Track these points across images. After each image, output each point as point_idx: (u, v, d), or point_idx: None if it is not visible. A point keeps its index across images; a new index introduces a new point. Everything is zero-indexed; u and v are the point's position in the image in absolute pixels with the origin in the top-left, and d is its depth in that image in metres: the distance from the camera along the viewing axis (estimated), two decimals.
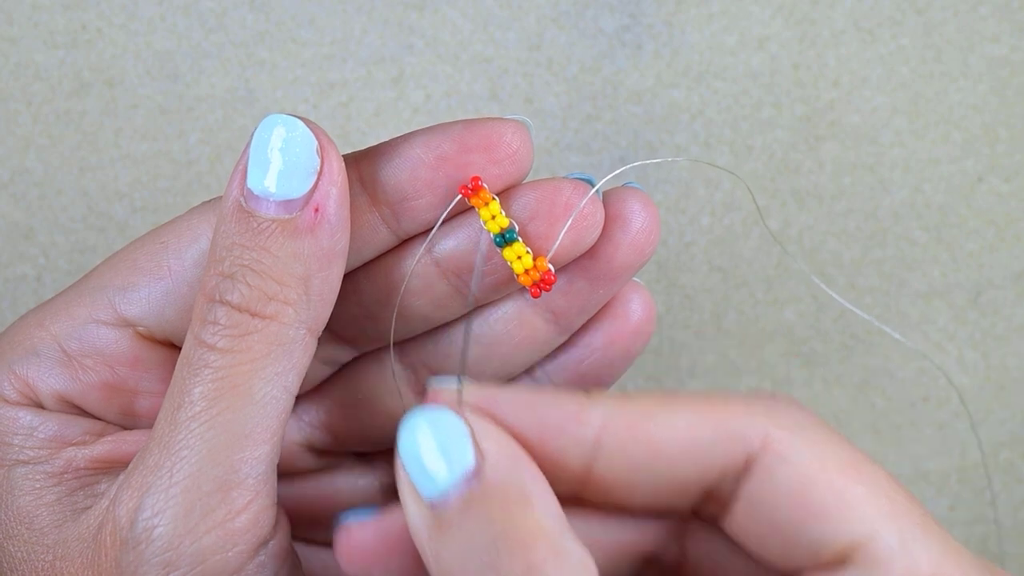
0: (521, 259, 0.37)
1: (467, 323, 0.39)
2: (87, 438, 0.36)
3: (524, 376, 0.42)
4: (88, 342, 0.37)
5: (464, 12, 0.51)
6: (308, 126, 0.34)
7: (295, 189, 0.34)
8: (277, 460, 0.35)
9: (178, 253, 0.37)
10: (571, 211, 0.37)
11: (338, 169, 0.35)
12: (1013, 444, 0.52)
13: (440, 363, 0.40)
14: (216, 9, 0.51)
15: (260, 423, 0.34)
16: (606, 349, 0.40)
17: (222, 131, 0.51)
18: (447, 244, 0.38)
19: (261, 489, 0.34)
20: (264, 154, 0.34)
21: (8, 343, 0.37)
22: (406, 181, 0.37)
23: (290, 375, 0.34)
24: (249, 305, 0.34)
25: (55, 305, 0.37)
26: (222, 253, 0.34)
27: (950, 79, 0.52)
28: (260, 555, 0.34)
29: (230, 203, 0.34)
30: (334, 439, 0.42)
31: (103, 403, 0.37)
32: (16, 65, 0.51)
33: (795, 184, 0.51)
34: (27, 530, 0.35)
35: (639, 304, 0.40)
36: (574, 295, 0.39)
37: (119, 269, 0.37)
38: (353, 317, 0.39)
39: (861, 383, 0.51)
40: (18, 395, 0.36)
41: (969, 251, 0.52)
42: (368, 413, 0.41)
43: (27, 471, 0.35)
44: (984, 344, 0.52)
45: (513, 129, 0.37)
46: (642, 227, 0.38)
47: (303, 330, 0.34)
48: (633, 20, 0.51)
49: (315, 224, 0.34)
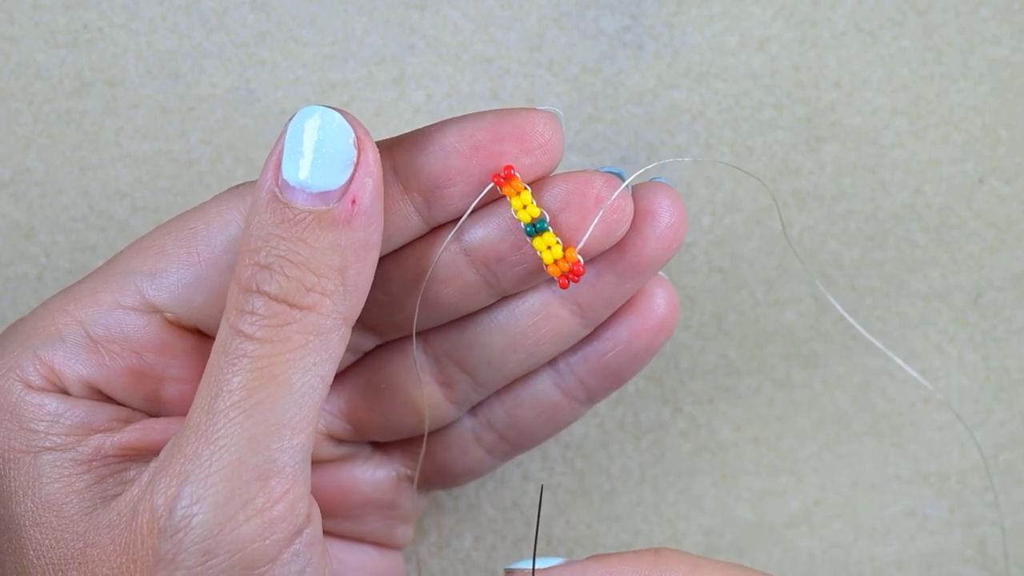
0: (551, 249, 0.37)
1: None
2: (114, 425, 0.36)
3: (547, 367, 0.42)
4: (114, 327, 0.37)
5: (465, 12, 0.51)
6: (345, 118, 0.35)
7: (332, 180, 0.34)
8: (312, 449, 0.35)
9: (208, 240, 0.37)
10: (601, 203, 0.37)
11: (374, 160, 0.35)
12: (1013, 446, 0.52)
13: (464, 354, 0.40)
14: (217, 9, 0.51)
15: (298, 412, 0.34)
16: (630, 342, 0.41)
17: (223, 131, 0.51)
18: (477, 233, 0.38)
19: (298, 478, 0.34)
20: (299, 145, 0.34)
21: (32, 328, 0.37)
22: (439, 169, 0.37)
23: (327, 365, 0.34)
24: (287, 296, 0.34)
25: (79, 291, 0.37)
26: (257, 243, 0.34)
27: (951, 80, 0.52)
28: (295, 543, 0.34)
29: (264, 193, 0.34)
30: (354, 428, 0.42)
31: (129, 389, 0.37)
32: (17, 64, 0.51)
33: (795, 185, 0.51)
34: (56, 517, 0.35)
35: (664, 298, 0.41)
36: (601, 288, 0.39)
37: (146, 255, 0.37)
38: (379, 304, 0.39)
39: (862, 384, 0.51)
40: (43, 381, 0.36)
41: (969, 253, 0.52)
42: (389, 402, 0.42)
43: (54, 458, 0.35)
44: (984, 346, 0.52)
45: (545, 119, 0.37)
46: (670, 222, 0.38)
47: (340, 320, 0.35)
48: (634, 21, 0.51)
49: (352, 215, 0.34)
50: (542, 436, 0.43)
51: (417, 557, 0.50)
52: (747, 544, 0.51)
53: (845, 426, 0.51)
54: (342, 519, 0.44)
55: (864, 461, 0.51)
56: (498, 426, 0.43)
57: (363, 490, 0.43)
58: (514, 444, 0.43)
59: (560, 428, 0.43)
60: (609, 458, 0.51)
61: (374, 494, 0.43)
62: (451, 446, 0.43)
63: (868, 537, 0.51)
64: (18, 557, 0.35)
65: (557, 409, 0.42)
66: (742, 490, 0.51)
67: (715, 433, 0.51)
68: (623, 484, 0.51)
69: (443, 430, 0.43)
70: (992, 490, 0.51)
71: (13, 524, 0.35)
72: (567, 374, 0.42)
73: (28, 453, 0.35)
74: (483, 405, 0.43)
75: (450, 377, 0.41)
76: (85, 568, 0.34)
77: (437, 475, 0.44)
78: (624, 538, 0.51)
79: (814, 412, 0.51)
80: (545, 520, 0.51)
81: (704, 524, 0.51)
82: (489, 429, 0.43)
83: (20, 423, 0.36)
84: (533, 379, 0.42)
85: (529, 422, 0.42)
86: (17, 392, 0.36)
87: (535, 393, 0.42)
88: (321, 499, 0.42)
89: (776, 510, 0.51)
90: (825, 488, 0.51)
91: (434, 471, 0.44)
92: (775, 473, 0.51)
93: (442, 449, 0.44)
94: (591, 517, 0.51)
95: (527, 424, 0.43)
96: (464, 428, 0.43)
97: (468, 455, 0.44)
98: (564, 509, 0.51)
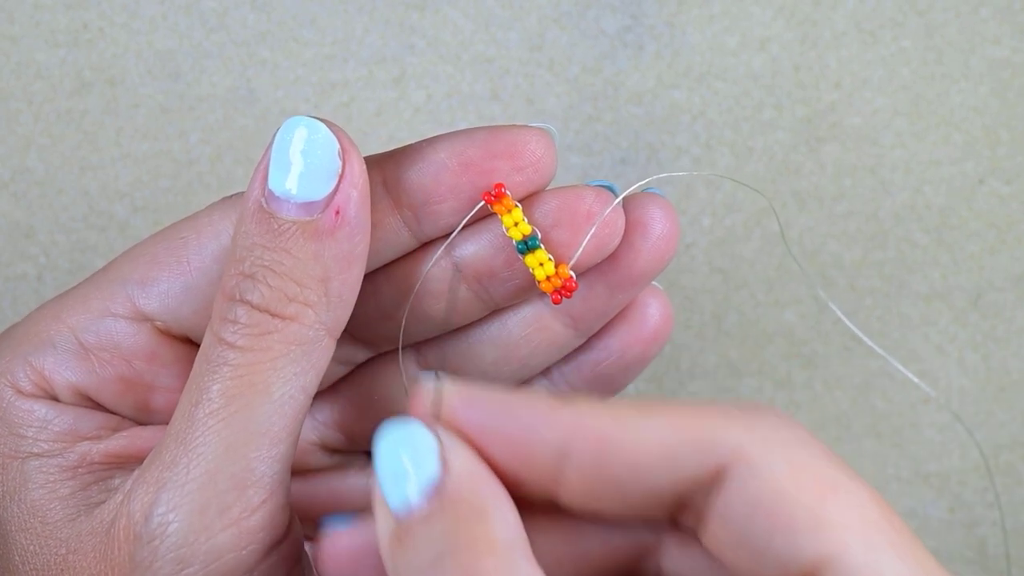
0: (543, 266, 0.37)
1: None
2: (102, 432, 0.36)
3: (541, 378, 0.42)
4: (105, 335, 0.37)
5: (465, 12, 0.51)
6: (330, 128, 0.35)
7: (316, 191, 0.34)
8: (292, 461, 0.35)
9: (199, 249, 0.37)
10: (593, 219, 0.37)
11: (359, 172, 0.35)
12: (1013, 447, 0.52)
13: (457, 365, 0.40)
14: (217, 8, 0.51)
15: (277, 422, 0.34)
16: (623, 353, 0.40)
17: (223, 131, 0.51)
18: (468, 249, 0.38)
19: (276, 488, 0.34)
20: (286, 156, 0.34)
21: (24, 335, 0.37)
22: (430, 185, 0.37)
23: (308, 375, 0.34)
24: (269, 305, 0.34)
25: (71, 298, 0.37)
26: (242, 253, 0.34)
27: (951, 81, 0.52)
28: (273, 555, 0.34)
29: (251, 204, 0.34)
30: (347, 438, 0.42)
31: (118, 397, 0.37)
32: (17, 64, 0.51)
33: (796, 186, 0.51)
34: (40, 523, 0.35)
35: (657, 309, 0.40)
36: (593, 300, 0.39)
37: (138, 263, 0.37)
38: (370, 318, 0.39)
39: (862, 385, 0.51)
40: (33, 387, 0.36)
41: (970, 253, 0.52)
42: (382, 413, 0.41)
43: (41, 464, 0.35)
44: (984, 346, 0.52)
45: (537, 137, 0.37)
46: (662, 234, 0.38)
47: (322, 331, 0.34)
48: (635, 21, 0.51)
49: (335, 226, 0.34)
50: None
51: None
52: None
53: (845, 427, 0.51)
54: None
55: (864, 462, 0.51)
56: None
57: (357, 498, 0.43)
58: None
59: None
60: None
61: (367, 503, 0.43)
62: None
63: None
64: (4, 562, 0.35)
65: None
66: None
67: None
68: None
69: None
70: (993, 491, 0.51)
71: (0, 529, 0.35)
72: (560, 383, 0.41)
73: (16, 458, 0.35)
74: None
75: None
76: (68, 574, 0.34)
77: None
78: None
79: (814, 413, 0.51)
80: None
81: None
82: None
83: (9, 428, 0.36)
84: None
85: None
86: (7, 398, 0.36)
87: None
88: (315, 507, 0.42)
89: None
90: None
91: None
92: None
93: None
94: None
95: None
96: None
97: None
98: None
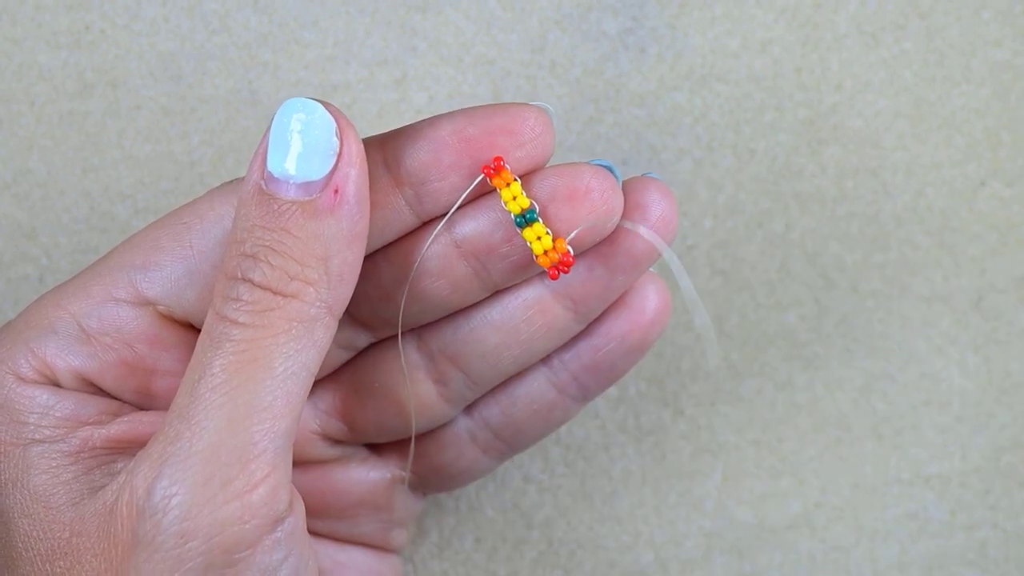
0: (540, 240, 0.37)
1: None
2: (103, 418, 0.37)
3: (541, 365, 0.42)
4: (107, 320, 0.37)
5: (467, 14, 0.51)
6: (327, 109, 0.35)
7: (315, 171, 0.35)
8: (294, 437, 0.35)
9: (200, 234, 0.37)
10: (591, 194, 0.37)
11: (357, 151, 0.35)
12: (1015, 448, 0.52)
13: (458, 350, 0.41)
14: (219, 11, 0.51)
15: (280, 397, 0.34)
16: (623, 338, 0.41)
17: (225, 132, 0.51)
18: (467, 225, 0.38)
19: (279, 464, 0.34)
20: (284, 137, 0.35)
21: (25, 322, 0.37)
22: (430, 163, 0.37)
23: (310, 352, 0.35)
24: (271, 284, 0.34)
25: (73, 285, 0.37)
26: (243, 235, 0.35)
27: (953, 83, 0.52)
28: (277, 531, 0.34)
29: (250, 186, 0.35)
30: (349, 428, 0.42)
31: (120, 382, 0.37)
32: (19, 66, 0.51)
33: (797, 187, 0.51)
34: (44, 509, 0.35)
35: (655, 294, 0.41)
36: (593, 283, 0.39)
37: (140, 249, 0.37)
38: (371, 299, 0.39)
39: (863, 387, 0.51)
40: (35, 373, 0.36)
41: (971, 255, 0.52)
42: (383, 401, 0.42)
43: (43, 450, 0.36)
44: (986, 348, 0.52)
45: (536, 113, 0.37)
46: (661, 215, 0.39)
47: (323, 309, 0.35)
48: (636, 23, 0.51)
49: (335, 205, 0.35)
50: (537, 435, 0.43)
51: (412, 562, 0.50)
52: (748, 546, 0.51)
53: (846, 428, 0.51)
54: (336, 520, 0.44)
55: (865, 463, 0.51)
56: (493, 425, 0.43)
57: (357, 491, 0.43)
58: (509, 443, 0.44)
59: (555, 427, 0.43)
60: (610, 460, 0.51)
61: (368, 496, 0.44)
62: (446, 447, 0.44)
63: (869, 540, 0.51)
64: (7, 549, 0.35)
65: (552, 406, 0.42)
66: (743, 492, 0.51)
67: (716, 435, 0.51)
68: (624, 486, 0.51)
69: (438, 430, 0.43)
70: (994, 493, 0.51)
71: (2, 516, 0.35)
72: (561, 371, 0.42)
73: (18, 446, 0.36)
74: (478, 404, 0.43)
75: (444, 374, 0.41)
76: (72, 558, 0.34)
77: (434, 477, 0.44)
78: (625, 540, 0.51)
79: (815, 414, 0.51)
80: (546, 521, 0.51)
81: (705, 526, 0.51)
82: (484, 428, 0.43)
83: (11, 416, 0.36)
84: (527, 376, 0.42)
85: (524, 420, 0.43)
86: (9, 385, 0.36)
87: (529, 390, 0.42)
88: (315, 499, 0.42)
89: (777, 512, 0.51)
90: (826, 490, 0.51)
91: (431, 472, 0.44)
92: (776, 475, 0.51)
93: (437, 450, 0.44)
94: (592, 519, 0.51)
95: (522, 422, 0.43)
96: (459, 428, 0.43)
97: (464, 456, 0.44)
98: (565, 511, 0.51)
